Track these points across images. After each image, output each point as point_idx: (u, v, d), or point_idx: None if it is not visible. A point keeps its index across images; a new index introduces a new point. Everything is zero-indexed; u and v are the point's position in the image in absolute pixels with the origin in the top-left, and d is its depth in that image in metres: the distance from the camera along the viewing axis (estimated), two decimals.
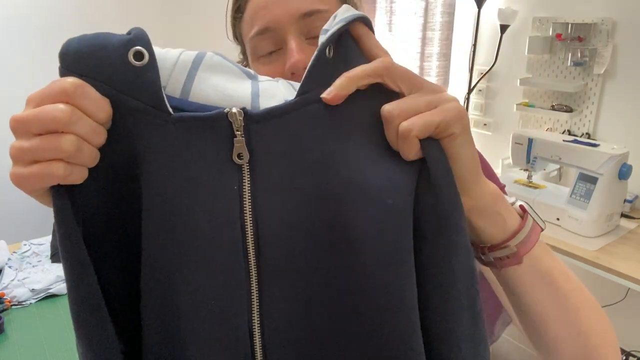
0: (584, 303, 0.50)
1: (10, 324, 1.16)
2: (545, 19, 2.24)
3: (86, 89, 0.37)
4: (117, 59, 0.40)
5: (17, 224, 2.21)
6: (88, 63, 0.39)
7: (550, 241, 1.77)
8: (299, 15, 0.58)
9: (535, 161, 1.96)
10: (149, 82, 0.41)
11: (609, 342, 0.49)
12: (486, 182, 0.47)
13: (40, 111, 0.36)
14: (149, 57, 0.42)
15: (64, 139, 0.36)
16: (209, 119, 0.41)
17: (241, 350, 0.44)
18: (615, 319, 2.34)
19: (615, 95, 2.09)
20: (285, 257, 0.43)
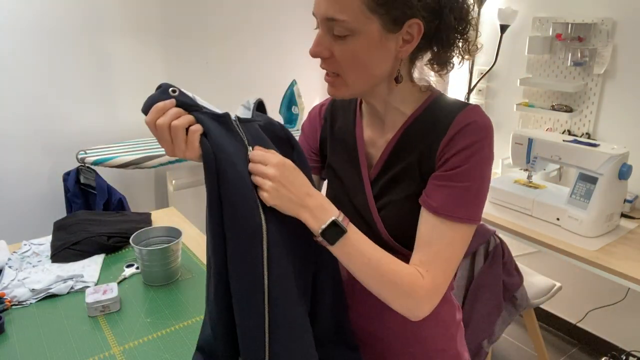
0: (374, 280, 0.75)
1: (10, 324, 1.16)
2: (545, 19, 2.24)
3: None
4: (163, 95, 0.73)
5: (17, 224, 2.21)
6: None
7: (551, 241, 1.77)
8: (325, 18, 0.72)
9: (535, 161, 1.96)
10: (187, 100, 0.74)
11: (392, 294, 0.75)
12: (303, 211, 0.73)
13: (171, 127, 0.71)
14: (178, 91, 0.73)
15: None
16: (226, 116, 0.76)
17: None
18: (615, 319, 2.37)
19: (615, 95, 2.09)
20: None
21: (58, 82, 2.17)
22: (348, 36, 0.71)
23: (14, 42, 2.03)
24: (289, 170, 0.73)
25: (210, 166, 0.71)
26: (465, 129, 0.74)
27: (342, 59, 0.74)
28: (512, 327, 2.52)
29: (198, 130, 0.71)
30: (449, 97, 0.82)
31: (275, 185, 0.71)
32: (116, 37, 2.27)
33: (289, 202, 0.72)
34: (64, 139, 2.23)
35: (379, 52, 0.73)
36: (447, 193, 0.74)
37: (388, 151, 0.82)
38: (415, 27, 0.72)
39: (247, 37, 2.64)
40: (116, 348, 1.08)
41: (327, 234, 0.72)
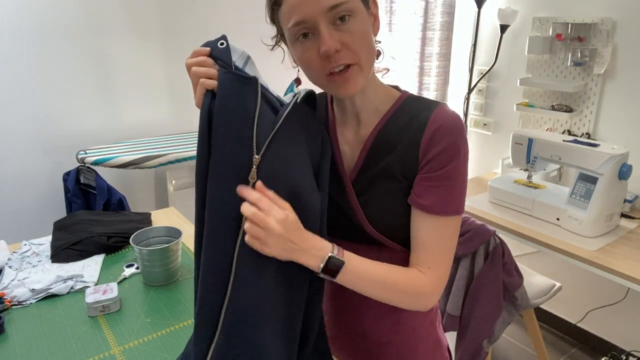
0: (385, 294, 0.80)
1: (10, 324, 1.17)
2: (545, 19, 2.24)
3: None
4: (212, 45, 0.76)
5: (17, 224, 2.21)
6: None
7: (550, 241, 1.77)
8: (328, 9, 0.72)
9: (535, 161, 1.96)
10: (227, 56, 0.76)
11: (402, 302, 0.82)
12: (300, 255, 0.75)
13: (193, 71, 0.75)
14: (225, 45, 0.76)
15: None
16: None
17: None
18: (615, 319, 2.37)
19: (615, 95, 2.09)
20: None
21: (58, 82, 2.17)
22: (350, 17, 0.74)
23: (14, 42, 2.03)
24: (292, 227, 0.73)
25: (202, 127, 0.71)
26: (440, 131, 0.79)
27: (354, 42, 0.75)
28: (512, 327, 2.52)
29: (205, 85, 0.73)
30: (418, 96, 0.86)
31: (274, 239, 0.71)
32: (116, 37, 2.27)
33: (284, 251, 0.73)
34: (64, 139, 2.23)
35: (370, 27, 0.78)
36: (436, 192, 0.79)
37: (367, 149, 0.85)
38: (374, 5, 0.79)
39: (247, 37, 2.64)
40: (116, 348, 1.08)
41: (327, 270, 0.76)
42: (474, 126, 2.69)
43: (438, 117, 0.80)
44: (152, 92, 2.44)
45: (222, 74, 0.73)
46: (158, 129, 2.48)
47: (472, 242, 1.65)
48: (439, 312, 1.00)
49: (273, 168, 0.73)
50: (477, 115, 2.67)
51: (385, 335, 0.92)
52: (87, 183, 2.15)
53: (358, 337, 0.93)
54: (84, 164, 2.09)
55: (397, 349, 0.93)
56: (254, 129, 0.72)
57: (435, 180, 0.79)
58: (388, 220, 0.83)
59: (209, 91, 0.73)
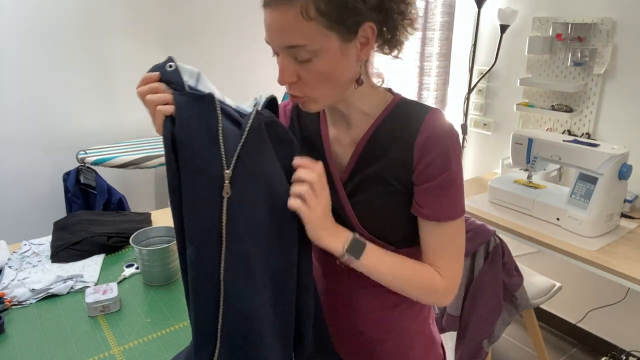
0: (405, 285, 0.83)
1: (10, 324, 1.16)
2: (545, 19, 2.24)
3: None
4: (160, 69, 0.74)
5: (17, 224, 2.21)
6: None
7: (551, 241, 1.77)
8: (285, 46, 0.73)
9: (535, 161, 1.96)
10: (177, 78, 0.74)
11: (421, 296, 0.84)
12: (326, 237, 0.79)
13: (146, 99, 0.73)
14: (175, 67, 0.74)
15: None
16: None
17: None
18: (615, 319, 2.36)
19: (615, 95, 2.09)
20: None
21: (58, 82, 2.17)
22: (311, 58, 0.73)
23: (14, 42, 2.03)
24: (330, 208, 0.80)
25: (168, 152, 0.71)
26: (433, 138, 0.79)
27: (309, 80, 0.75)
28: (512, 327, 2.52)
29: (163, 111, 0.71)
30: (412, 100, 0.85)
31: (323, 214, 0.77)
32: (116, 37, 2.27)
33: (320, 223, 0.77)
34: (64, 139, 2.23)
35: (342, 63, 0.75)
36: (438, 200, 0.81)
37: (359, 152, 0.85)
38: (369, 29, 0.74)
39: (247, 37, 2.64)
40: (116, 348, 1.08)
41: (351, 250, 0.79)
42: (474, 126, 2.69)
43: (430, 124, 0.79)
44: None
45: (177, 96, 0.72)
46: None
47: (472, 242, 1.65)
48: (432, 310, 1.01)
49: (246, 180, 0.73)
50: (477, 115, 2.67)
51: (379, 333, 0.93)
52: (87, 183, 2.15)
53: (352, 334, 0.94)
54: (84, 164, 2.09)
55: (391, 346, 0.93)
56: (221, 144, 0.72)
57: (434, 189, 0.80)
58: (379, 222, 0.84)
59: (168, 117, 0.71)
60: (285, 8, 0.70)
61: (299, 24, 0.70)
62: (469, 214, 1.98)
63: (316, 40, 0.71)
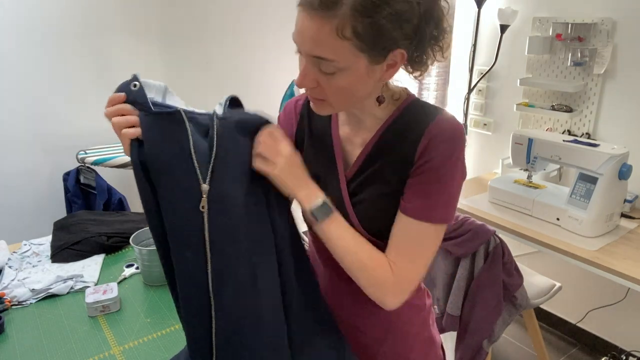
0: (353, 264, 0.82)
1: (10, 324, 1.17)
2: (545, 19, 2.24)
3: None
4: (125, 88, 0.74)
5: (17, 224, 2.21)
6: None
7: (551, 241, 1.77)
8: (309, 54, 0.73)
9: (535, 161, 1.96)
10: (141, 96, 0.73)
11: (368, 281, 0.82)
12: (300, 190, 0.81)
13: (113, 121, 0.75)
14: (139, 86, 0.73)
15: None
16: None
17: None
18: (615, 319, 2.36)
19: (615, 95, 2.09)
20: None
21: (58, 83, 2.17)
22: (335, 73, 0.73)
23: (14, 42, 2.03)
24: (297, 158, 0.82)
25: (137, 174, 0.73)
26: (439, 138, 0.78)
27: (329, 90, 0.76)
28: (512, 327, 2.52)
29: (128, 135, 0.72)
30: (424, 102, 0.85)
31: (286, 163, 0.79)
32: (116, 37, 2.27)
33: (287, 175, 0.79)
34: (64, 139, 2.23)
35: (365, 82, 0.76)
36: (421, 197, 0.79)
37: (366, 152, 0.85)
38: (399, 55, 0.74)
39: (246, 37, 2.64)
40: (116, 348, 1.08)
41: (315, 212, 0.80)
42: (474, 126, 2.69)
43: (439, 125, 0.79)
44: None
45: (143, 118, 0.72)
46: None
47: (472, 242, 1.65)
48: (432, 311, 1.01)
49: (223, 190, 0.74)
50: (477, 115, 2.67)
51: (379, 333, 0.93)
52: (87, 183, 2.15)
53: (352, 334, 0.94)
54: (84, 164, 2.09)
55: (391, 346, 0.93)
56: (194, 160, 0.72)
57: (423, 185, 0.79)
58: (378, 221, 0.83)
59: (134, 140, 0.72)
60: (323, 21, 0.68)
61: (332, 40, 0.69)
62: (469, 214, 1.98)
63: (346, 59, 0.71)
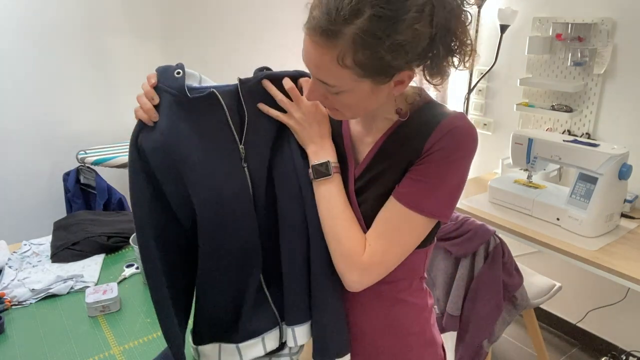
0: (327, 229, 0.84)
1: (10, 324, 1.17)
2: (545, 19, 2.24)
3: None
4: (165, 74, 0.83)
5: (17, 224, 2.21)
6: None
7: (551, 241, 1.77)
8: (314, 75, 0.76)
9: (535, 161, 1.96)
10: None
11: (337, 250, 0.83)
12: (312, 145, 0.86)
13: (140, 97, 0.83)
14: (182, 73, 0.81)
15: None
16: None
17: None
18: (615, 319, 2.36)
19: (615, 95, 2.09)
20: None
21: (58, 82, 2.17)
22: (340, 93, 0.75)
23: (14, 42, 2.03)
24: (319, 111, 0.86)
25: (131, 155, 0.82)
26: (449, 133, 0.77)
27: (337, 105, 0.78)
28: (512, 327, 2.52)
29: (137, 115, 0.82)
30: (439, 104, 0.84)
31: (306, 118, 0.84)
32: (116, 37, 2.27)
33: (308, 133, 0.84)
34: (64, 139, 2.23)
35: (371, 99, 0.77)
36: (415, 185, 0.79)
37: (374, 152, 0.85)
38: (406, 75, 0.74)
39: (246, 36, 2.64)
40: (116, 348, 1.08)
41: (314, 168, 0.84)
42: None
43: (450, 122, 0.77)
44: None
45: (176, 102, 0.80)
46: None
47: (472, 242, 1.65)
48: (433, 311, 1.01)
49: (256, 148, 0.84)
50: (477, 115, 2.67)
51: (379, 332, 0.93)
52: (87, 183, 2.15)
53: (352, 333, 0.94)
54: (84, 164, 2.09)
55: (391, 345, 0.93)
56: (232, 127, 0.82)
57: (420, 174, 0.78)
58: None
59: (141, 122, 0.82)
60: (324, 49, 0.70)
61: (333, 67, 0.70)
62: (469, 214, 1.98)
63: (347, 84, 0.73)
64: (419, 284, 0.94)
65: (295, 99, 0.84)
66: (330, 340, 0.88)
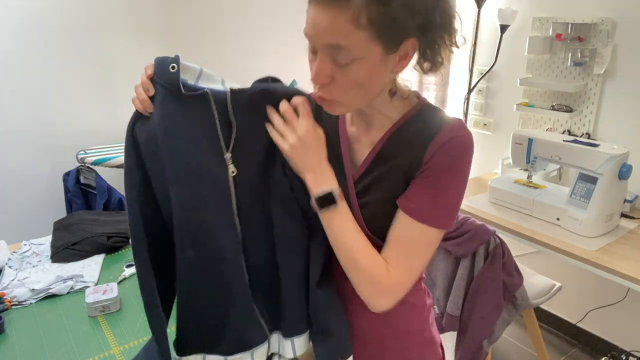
0: (344, 261, 0.82)
1: (10, 324, 1.17)
2: (545, 19, 2.24)
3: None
4: (161, 66, 0.80)
5: (17, 224, 2.21)
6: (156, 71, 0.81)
7: (551, 241, 1.77)
8: (325, 44, 0.72)
9: (535, 161, 1.96)
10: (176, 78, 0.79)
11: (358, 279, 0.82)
12: (310, 173, 0.81)
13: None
14: (177, 67, 0.79)
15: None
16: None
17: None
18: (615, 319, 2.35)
19: (615, 95, 2.09)
20: None
21: (58, 82, 2.17)
22: (351, 63, 0.73)
23: (14, 42, 2.03)
24: (319, 138, 0.81)
25: (127, 143, 0.82)
26: (449, 144, 0.78)
27: (343, 84, 0.76)
28: (512, 327, 2.52)
29: (134, 105, 0.81)
30: (436, 108, 0.85)
31: (300, 142, 0.78)
32: (116, 37, 2.27)
33: (303, 159, 0.79)
34: (64, 139, 2.23)
35: (379, 73, 0.76)
36: (424, 199, 0.79)
37: (374, 153, 0.84)
38: (410, 45, 0.75)
39: (246, 36, 2.64)
40: (116, 348, 1.08)
41: (320, 200, 0.80)
42: (474, 126, 2.69)
43: (449, 131, 0.79)
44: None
45: (169, 97, 0.79)
46: None
47: (472, 242, 1.65)
48: (432, 310, 1.01)
49: (245, 160, 0.81)
50: (477, 115, 2.67)
51: (379, 332, 0.93)
52: (87, 183, 2.15)
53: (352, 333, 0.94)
54: (84, 164, 2.09)
55: (391, 345, 0.93)
56: (219, 132, 0.79)
57: (427, 187, 0.79)
58: (382, 223, 0.83)
59: (137, 113, 0.82)
60: (338, 10, 0.69)
61: (347, 29, 0.69)
62: (469, 214, 1.98)
63: (361, 48, 0.71)
64: (418, 283, 0.94)
65: (289, 121, 0.80)
66: (332, 344, 0.87)
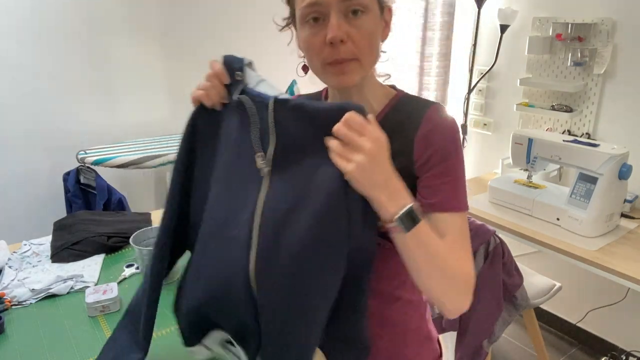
0: (433, 274, 0.77)
1: (10, 324, 1.16)
2: (545, 19, 2.24)
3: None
4: (235, 63, 0.81)
5: (17, 224, 2.21)
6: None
7: (551, 241, 1.77)
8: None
9: (535, 161, 1.96)
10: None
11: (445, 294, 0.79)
12: (381, 193, 0.72)
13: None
14: (242, 72, 0.81)
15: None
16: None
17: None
18: (615, 319, 2.35)
19: (615, 95, 2.09)
20: None
21: (58, 82, 2.17)
22: (362, 13, 0.77)
23: (14, 42, 2.03)
24: (384, 148, 0.71)
25: (185, 136, 0.84)
26: (435, 131, 0.80)
27: (360, 36, 0.78)
28: (512, 327, 2.52)
29: (198, 96, 0.82)
30: (414, 96, 0.88)
31: (367, 160, 0.68)
32: (116, 37, 2.27)
33: (371, 179, 0.69)
34: (64, 139, 2.23)
35: (379, 29, 0.81)
36: (442, 187, 0.80)
37: None
38: (388, 12, 0.83)
39: (246, 36, 2.64)
40: None
41: (403, 220, 0.71)
42: (474, 126, 2.69)
43: (432, 118, 0.81)
44: (152, 92, 2.44)
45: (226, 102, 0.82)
46: (158, 129, 2.48)
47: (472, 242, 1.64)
48: (428, 307, 1.01)
49: (284, 173, 0.76)
50: (477, 115, 2.67)
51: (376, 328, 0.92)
52: (87, 183, 2.15)
53: None
54: (84, 164, 2.09)
55: (387, 341, 0.93)
56: (252, 140, 0.79)
57: (436, 177, 0.80)
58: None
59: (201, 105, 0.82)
60: None
61: None
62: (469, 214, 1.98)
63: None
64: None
65: (350, 140, 0.69)
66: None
